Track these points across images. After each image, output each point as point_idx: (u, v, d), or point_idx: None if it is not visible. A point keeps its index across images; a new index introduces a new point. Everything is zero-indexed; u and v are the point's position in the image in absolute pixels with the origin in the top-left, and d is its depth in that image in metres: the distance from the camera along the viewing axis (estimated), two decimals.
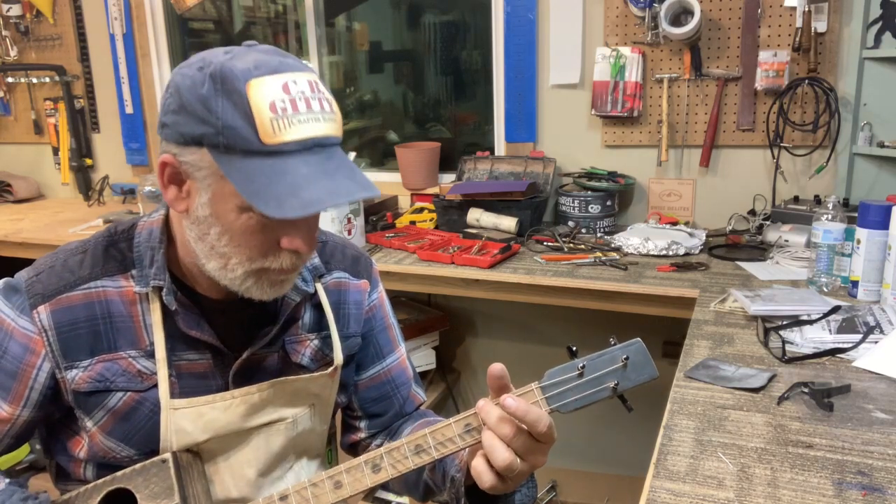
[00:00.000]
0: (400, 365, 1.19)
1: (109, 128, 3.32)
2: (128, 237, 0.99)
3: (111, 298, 0.96)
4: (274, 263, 0.89)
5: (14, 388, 0.95)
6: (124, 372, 0.96)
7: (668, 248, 2.13)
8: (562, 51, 2.53)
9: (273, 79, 0.81)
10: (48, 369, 0.95)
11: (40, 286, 0.95)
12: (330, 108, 0.86)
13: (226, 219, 0.86)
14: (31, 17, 3.29)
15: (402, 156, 2.80)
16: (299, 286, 1.02)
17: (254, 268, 0.89)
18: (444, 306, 2.88)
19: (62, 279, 0.95)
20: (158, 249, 0.96)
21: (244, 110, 0.80)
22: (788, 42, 2.25)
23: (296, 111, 0.81)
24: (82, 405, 0.97)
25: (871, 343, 1.38)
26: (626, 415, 2.97)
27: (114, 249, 0.98)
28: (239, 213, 0.85)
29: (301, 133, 0.81)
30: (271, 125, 0.80)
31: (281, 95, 0.81)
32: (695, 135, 2.43)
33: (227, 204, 0.85)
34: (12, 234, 2.69)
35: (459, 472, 0.97)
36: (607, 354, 0.87)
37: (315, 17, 2.99)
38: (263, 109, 0.80)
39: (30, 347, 0.95)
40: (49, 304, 0.94)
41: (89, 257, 0.97)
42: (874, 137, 2.15)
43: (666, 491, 0.97)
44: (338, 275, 1.11)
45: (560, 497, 2.72)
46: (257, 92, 0.80)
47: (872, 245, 1.62)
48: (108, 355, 0.95)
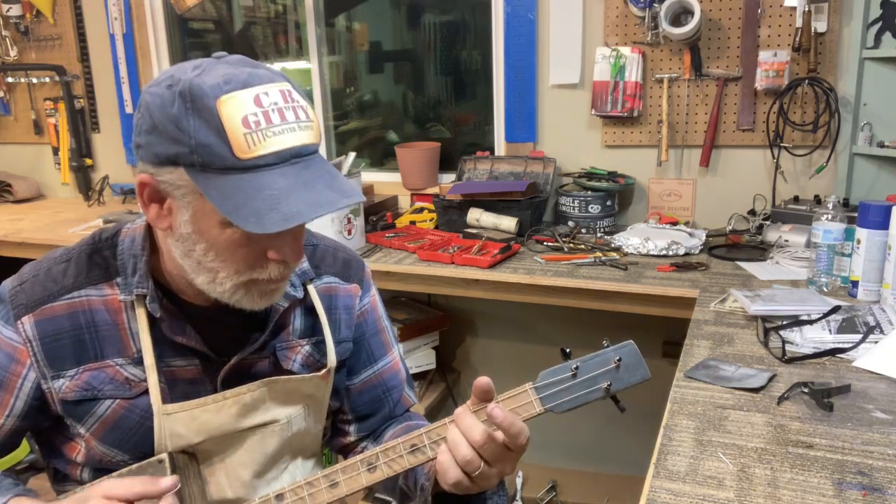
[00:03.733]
0: (392, 368, 1.19)
1: (109, 128, 3.32)
2: (112, 244, 0.99)
3: (95, 308, 0.95)
4: (262, 275, 0.89)
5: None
6: (111, 380, 0.95)
7: (668, 248, 2.13)
8: (562, 51, 2.53)
9: (244, 93, 0.80)
10: (33, 379, 0.95)
11: (24, 296, 0.95)
12: (305, 115, 0.85)
13: (209, 234, 0.85)
14: (31, 17, 3.29)
15: (402, 156, 2.80)
16: (288, 292, 1.02)
17: (242, 280, 0.89)
18: (444, 306, 2.88)
19: (46, 289, 0.95)
20: (141, 257, 0.96)
21: (216, 127, 0.79)
22: (788, 42, 2.25)
23: (269, 123, 0.80)
24: (71, 413, 0.97)
25: (871, 343, 1.38)
26: (626, 415, 2.98)
27: (98, 257, 0.98)
28: (222, 228, 0.84)
29: (276, 145, 0.81)
30: (245, 140, 0.79)
31: (253, 109, 0.80)
32: (695, 135, 2.43)
33: (209, 220, 0.84)
34: (12, 234, 2.69)
35: (428, 480, 0.97)
36: (600, 356, 0.88)
37: (315, 17, 2.99)
38: (236, 125, 0.79)
39: (14, 357, 0.95)
40: (33, 314, 0.94)
41: (73, 266, 0.97)
42: (874, 137, 2.15)
43: (666, 491, 0.97)
44: (328, 280, 1.11)
45: (560, 497, 2.72)
46: (228, 108, 0.79)
47: (872, 245, 1.62)
48: (95, 364, 0.95)
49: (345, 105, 3.22)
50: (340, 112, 3.20)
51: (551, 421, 3.22)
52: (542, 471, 2.86)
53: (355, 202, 0.85)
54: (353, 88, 3.25)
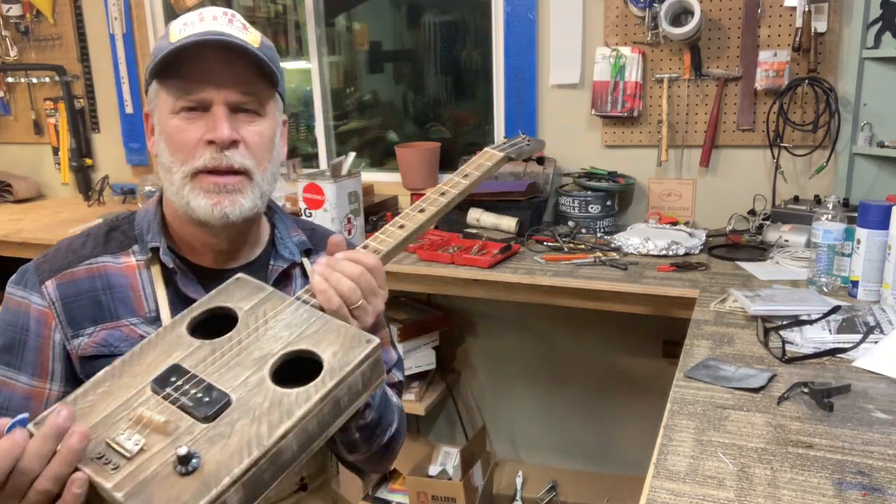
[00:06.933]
0: (381, 346, 1.20)
1: (109, 128, 3.32)
2: (129, 221, 1.10)
3: (111, 272, 1.04)
4: (199, 162, 0.98)
5: (39, 363, 1.02)
6: (126, 338, 1.01)
7: (668, 248, 2.13)
8: (562, 51, 2.53)
9: (191, 14, 1.00)
10: (59, 340, 1.02)
11: (47, 265, 1.05)
12: (241, 25, 1.01)
13: (164, 126, 0.99)
14: (31, 17, 3.29)
15: (402, 156, 2.80)
16: (284, 255, 1.12)
17: (186, 171, 0.98)
18: (444, 306, 2.88)
19: (67, 258, 1.05)
20: (154, 220, 1.07)
21: (165, 34, 0.99)
22: (788, 42, 2.25)
23: (202, 21, 0.98)
24: (89, 371, 1.00)
25: (871, 343, 1.38)
26: (626, 415, 2.98)
27: (116, 233, 1.08)
28: (171, 117, 0.98)
29: (202, 28, 0.97)
30: (178, 31, 0.98)
31: (193, 18, 0.99)
32: (695, 135, 2.43)
33: (164, 113, 0.99)
34: (12, 234, 2.69)
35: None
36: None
37: (315, 17, 2.99)
38: (175, 24, 0.99)
39: (43, 321, 1.02)
40: (55, 278, 1.03)
41: (91, 239, 1.08)
42: (874, 137, 2.15)
43: (666, 491, 0.97)
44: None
45: (560, 497, 2.72)
46: (175, 21, 1.00)
47: (872, 245, 1.62)
48: (111, 323, 1.02)
49: (345, 105, 3.22)
50: (340, 112, 3.20)
51: (551, 421, 3.24)
52: (542, 471, 2.86)
53: (254, 50, 0.97)
54: (353, 88, 3.25)
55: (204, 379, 0.80)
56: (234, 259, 1.09)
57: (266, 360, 0.82)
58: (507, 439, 3.00)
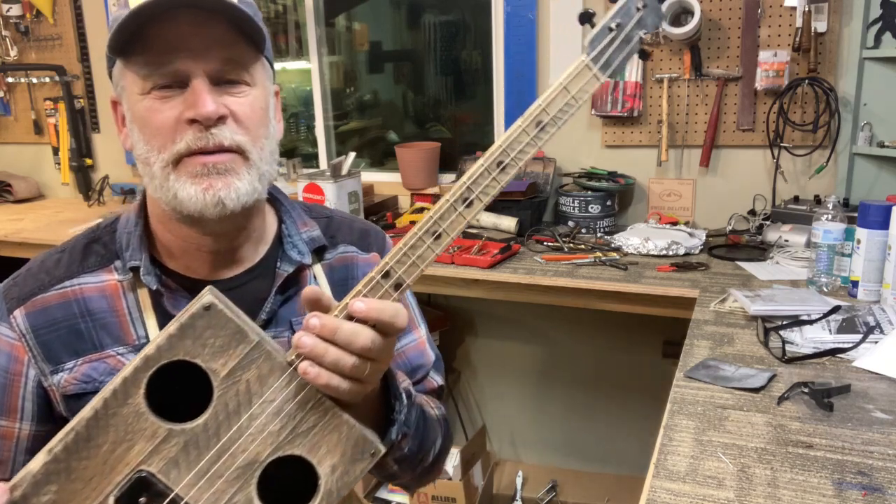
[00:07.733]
0: (418, 347, 1.08)
1: (109, 128, 3.32)
2: (111, 230, 0.95)
3: (89, 295, 0.90)
4: (181, 144, 0.82)
5: (6, 401, 0.91)
6: (113, 370, 0.88)
7: (668, 248, 2.13)
8: (562, 51, 2.53)
9: None
10: (34, 377, 0.90)
11: (16, 290, 0.91)
12: None
13: (135, 111, 0.83)
14: (31, 17, 3.29)
15: (402, 156, 2.80)
16: (292, 256, 0.95)
17: (167, 158, 0.82)
18: (444, 306, 2.88)
19: (37, 280, 0.91)
20: (135, 232, 0.91)
21: (123, 1, 0.81)
22: (788, 42, 2.25)
23: None
24: (73, 410, 0.88)
25: (871, 343, 1.38)
26: (626, 415, 2.97)
27: (96, 245, 0.93)
28: (141, 98, 0.82)
29: None
30: None
31: None
32: (695, 135, 2.43)
33: (133, 95, 0.83)
34: (12, 234, 2.69)
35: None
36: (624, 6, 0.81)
37: (315, 17, 2.99)
38: None
39: (13, 355, 0.90)
40: (24, 306, 0.89)
41: (67, 256, 0.93)
42: (874, 137, 2.15)
43: (666, 491, 0.97)
44: (344, 249, 1.02)
45: (560, 497, 2.72)
46: None
47: (872, 245, 1.62)
48: (94, 355, 0.89)
49: (345, 105, 3.22)
50: (340, 112, 3.20)
51: (552, 421, 3.24)
52: (542, 471, 2.86)
53: (233, 3, 0.80)
54: (353, 88, 3.25)
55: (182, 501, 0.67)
56: (234, 263, 0.93)
57: (253, 470, 0.70)
58: (507, 439, 3.00)
